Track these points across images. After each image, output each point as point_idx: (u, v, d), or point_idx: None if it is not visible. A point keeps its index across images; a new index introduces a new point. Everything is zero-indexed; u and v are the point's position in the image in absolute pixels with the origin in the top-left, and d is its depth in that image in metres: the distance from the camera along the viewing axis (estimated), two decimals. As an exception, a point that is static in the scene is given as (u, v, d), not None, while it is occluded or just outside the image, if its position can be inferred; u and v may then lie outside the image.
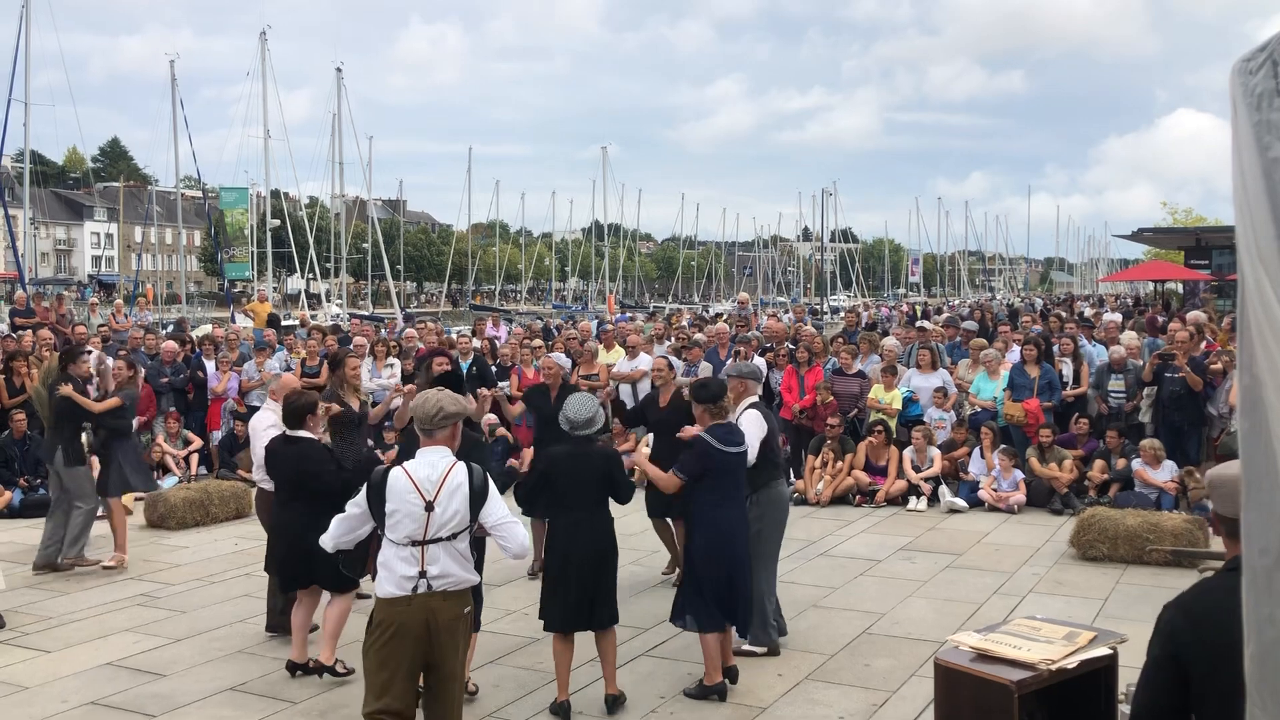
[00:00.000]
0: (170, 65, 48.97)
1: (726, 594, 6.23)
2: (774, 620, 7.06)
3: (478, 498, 4.59)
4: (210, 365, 14.65)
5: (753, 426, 6.75)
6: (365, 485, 4.70)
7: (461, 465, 4.64)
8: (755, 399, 7.05)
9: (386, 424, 10.94)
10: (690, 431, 6.85)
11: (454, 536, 4.55)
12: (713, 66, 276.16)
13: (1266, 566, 1.73)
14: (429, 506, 4.52)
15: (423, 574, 4.50)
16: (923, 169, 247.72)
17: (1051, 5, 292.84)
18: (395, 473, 4.61)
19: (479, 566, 5.91)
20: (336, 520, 4.84)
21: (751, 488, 6.81)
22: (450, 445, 4.76)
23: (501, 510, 4.65)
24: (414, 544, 4.52)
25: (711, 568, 6.22)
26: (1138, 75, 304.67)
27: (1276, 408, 1.66)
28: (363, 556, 6.31)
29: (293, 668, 6.72)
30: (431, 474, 4.58)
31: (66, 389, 9.33)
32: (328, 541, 4.88)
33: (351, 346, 14.80)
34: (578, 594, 5.95)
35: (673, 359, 10.81)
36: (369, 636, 4.60)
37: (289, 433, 6.91)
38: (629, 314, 37.16)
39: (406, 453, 5.92)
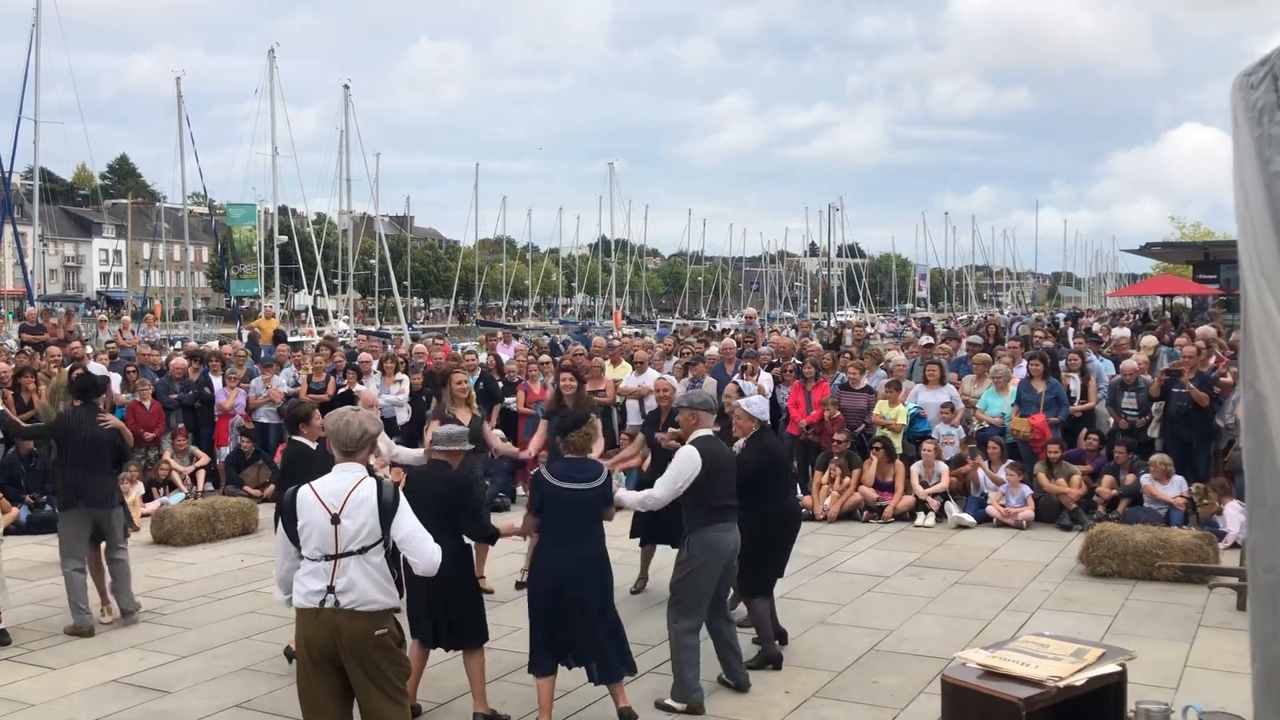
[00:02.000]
0: (177, 82, 49.05)
1: (564, 637, 5.93)
2: (724, 676, 6.63)
3: (387, 511, 4.53)
4: (218, 381, 14.67)
5: (676, 465, 6.31)
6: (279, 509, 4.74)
7: (370, 479, 4.60)
8: (706, 432, 6.51)
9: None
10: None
11: (365, 550, 4.50)
12: (719, 83, 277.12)
13: (1271, 584, 1.71)
14: (335, 519, 4.49)
15: (331, 588, 4.47)
16: (929, 184, 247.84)
17: (1055, 23, 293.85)
18: (303, 490, 4.62)
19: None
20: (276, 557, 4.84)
21: (686, 529, 6.40)
22: (365, 461, 4.75)
23: (411, 525, 4.58)
24: (326, 558, 4.50)
25: (544, 608, 5.94)
26: (1142, 91, 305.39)
27: (1280, 424, 1.65)
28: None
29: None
30: (339, 487, 4.56)
31: (114, 421, 8.64)
32: (277, 582, 4.83)
33: (358, 362, 14.84)
34: (429, 610, 5.99)
35: (743, 384, 10.85)
36: (296, 659, 4.63)
37: (291, 437, 7.00)
38: (670, 328, 37.18)
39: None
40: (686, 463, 6.24)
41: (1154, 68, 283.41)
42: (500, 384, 14.00)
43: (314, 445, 6.97)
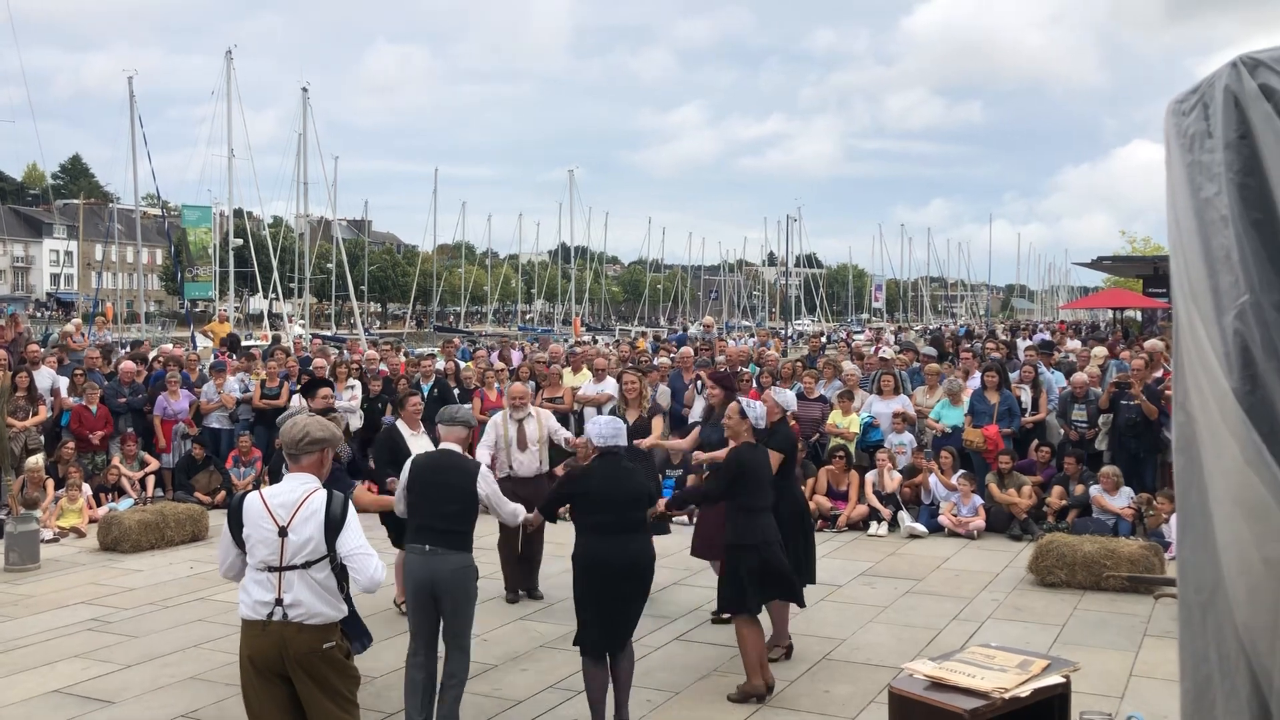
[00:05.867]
0: (129, 82, 48.29)
1: None
2: None
3: (334, 525, 4.46)
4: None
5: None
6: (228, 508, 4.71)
7: (321, 492, 4.53)
8: (446, 446, 6.17)
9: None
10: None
11: (310, 565, 4.43)
12: (675, 93, 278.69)
13: (1201, 603, 1.74)
14: (282, 532, 4.43)
15: (279, 601, 4.42)
16: (884, 196, 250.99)
17: (1006, 41, 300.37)
18: (251, 497, 4.56)
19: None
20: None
21: None
22: (318, 472, 4.67)
23: (356, 541, 4.50)
24: (270, 570, 4.44)
25: None
26: (1090, 107, 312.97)
27: (1209, 445, 1.68)
28: None
29: None
30: (288, 499, 4.50)
31: None
32: (222, 573, 4.81)
33: (313, 368, 14.71)
34: None
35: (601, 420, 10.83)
36: (240, 670, 4.56)
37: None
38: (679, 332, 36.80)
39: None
40: (401, 475, 6.04)
41: (1101, 85, 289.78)
42: (456, 391, 13.94)
43: (411, 430, 7.94)
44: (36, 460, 12.31)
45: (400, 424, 8.61)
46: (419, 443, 8.64)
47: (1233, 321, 1.63)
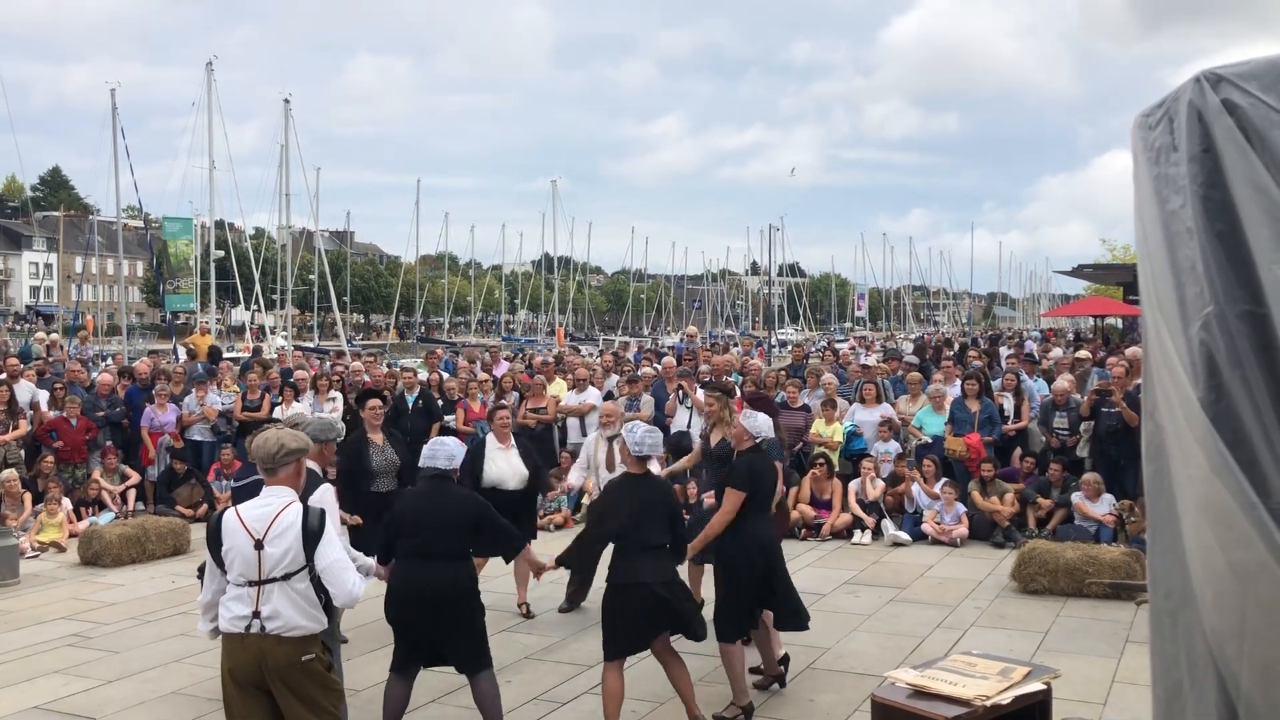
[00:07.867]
0: (111, 94, 47.90)
1: None
2: None
3: (311, 538, 4.47)
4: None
5: None
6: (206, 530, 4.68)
7: (296, 505, 4.54)
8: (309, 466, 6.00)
9: None
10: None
11: (289, 577, 4.44)
12: (657, 104, 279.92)
13: (1171, 609, 1.77)
14: (258, 545, 4.44)
15: (256, 614, 4.43)
16: (865, 205, 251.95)
17: (981, 51, 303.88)
18: (228, 515, 4.57)
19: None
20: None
21: None
22: (294, 484, 4.67)
23: (334, 554, 4.50)
24: (250, 584, 4.45)
25: None
26: (1066, 118, 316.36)
27: (1177, 455, 1.71)
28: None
29: None
30: (264, 513, 4.50)
31: None
32: (201, 606, 4.77)
33: (294, 380, 14.66)
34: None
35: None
36: (222, 684, 4.57)
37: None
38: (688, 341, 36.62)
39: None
40: None
41: (1076, 95, 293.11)
42: (440, 402, 13.92)
43: (499, 444, 8.28)
44: (10, 473, 12.21)
45: (490, 439, 8.58)
46: (506, 458, 8.57)
47: (1198, 332, 1.66)
